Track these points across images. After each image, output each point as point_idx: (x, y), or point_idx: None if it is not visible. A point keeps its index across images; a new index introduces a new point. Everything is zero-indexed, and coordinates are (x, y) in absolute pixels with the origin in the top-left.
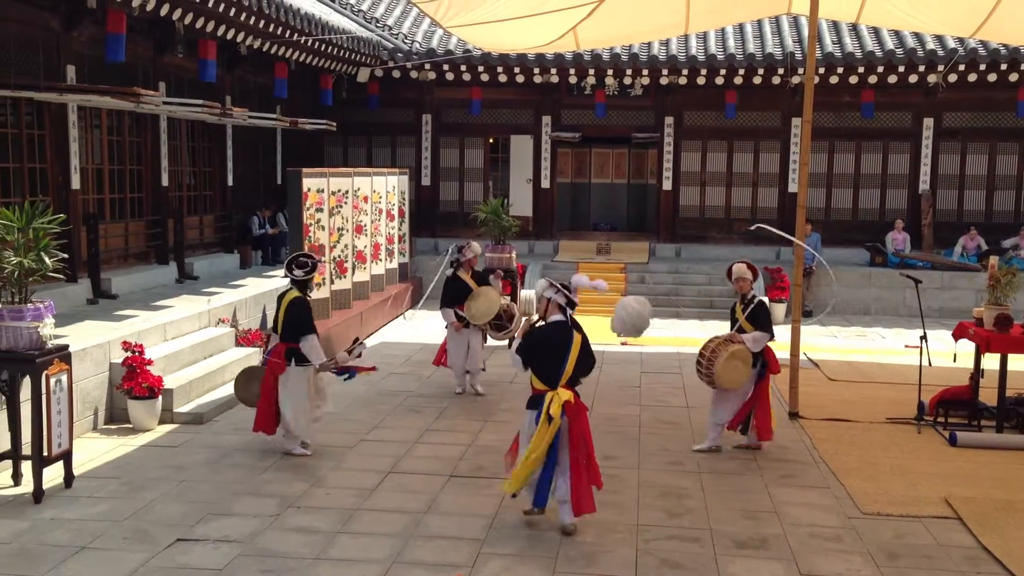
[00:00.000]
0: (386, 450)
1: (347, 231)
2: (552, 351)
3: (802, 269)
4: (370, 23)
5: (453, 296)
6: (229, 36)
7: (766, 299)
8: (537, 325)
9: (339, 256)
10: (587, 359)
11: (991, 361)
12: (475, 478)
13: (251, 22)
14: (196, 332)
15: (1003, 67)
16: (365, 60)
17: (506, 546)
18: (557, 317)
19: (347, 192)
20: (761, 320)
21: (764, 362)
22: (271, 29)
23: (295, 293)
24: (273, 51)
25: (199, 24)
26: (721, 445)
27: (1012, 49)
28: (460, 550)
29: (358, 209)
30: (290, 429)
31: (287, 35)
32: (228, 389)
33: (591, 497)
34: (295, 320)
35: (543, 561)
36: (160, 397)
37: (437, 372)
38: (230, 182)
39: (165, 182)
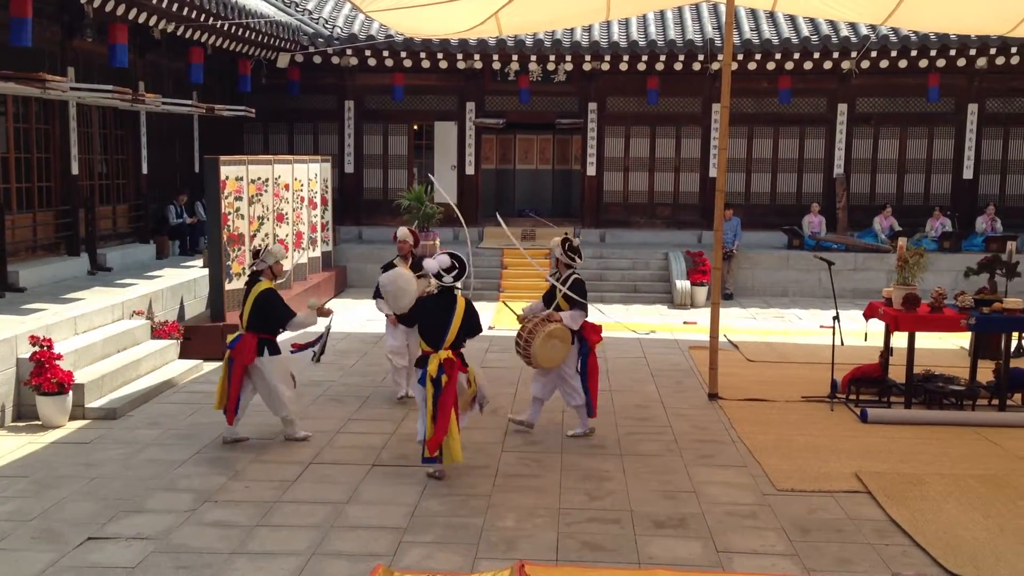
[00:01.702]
0: (308, 441)
1: (268, 220)
2: (436, 318)
3: (722, 252)
4: (289, 7)
5: None
6: (141, 20)
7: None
8: (427, 293)
9: (260, 245)
10: (471, 325)
11: (900, 339)
12: (398, 467)
13: (163, 5)
14: (109, 325)
15: (913, 53)
16: (284, 45)
17: (427, 534)
18: (444, 289)
19: (267, 180)
20: (577, 297)
21: (583, 338)
22: (185, 12)
23: (264, 284)
24: (188, 35)
25: (109, 7)
26: (534, 423)
27: (922, 36)
28: (381, 539)
29: (279, 197)
30: (290, 413)
31: (202, 19)
32: (143, 383)
33: (439, 442)
34: (268, 311)
35: (464, 548)
36: (71, 393)
37: (360, 361)
38: (145, 170)
39: (75, 171)
